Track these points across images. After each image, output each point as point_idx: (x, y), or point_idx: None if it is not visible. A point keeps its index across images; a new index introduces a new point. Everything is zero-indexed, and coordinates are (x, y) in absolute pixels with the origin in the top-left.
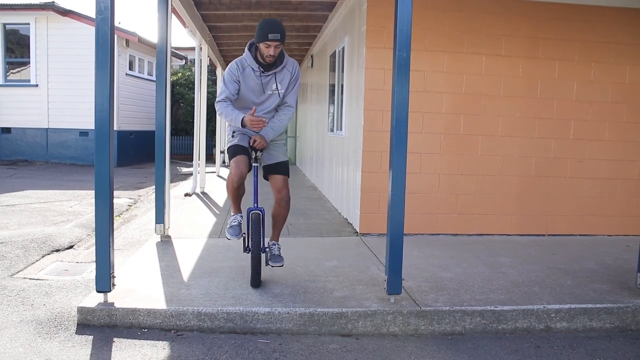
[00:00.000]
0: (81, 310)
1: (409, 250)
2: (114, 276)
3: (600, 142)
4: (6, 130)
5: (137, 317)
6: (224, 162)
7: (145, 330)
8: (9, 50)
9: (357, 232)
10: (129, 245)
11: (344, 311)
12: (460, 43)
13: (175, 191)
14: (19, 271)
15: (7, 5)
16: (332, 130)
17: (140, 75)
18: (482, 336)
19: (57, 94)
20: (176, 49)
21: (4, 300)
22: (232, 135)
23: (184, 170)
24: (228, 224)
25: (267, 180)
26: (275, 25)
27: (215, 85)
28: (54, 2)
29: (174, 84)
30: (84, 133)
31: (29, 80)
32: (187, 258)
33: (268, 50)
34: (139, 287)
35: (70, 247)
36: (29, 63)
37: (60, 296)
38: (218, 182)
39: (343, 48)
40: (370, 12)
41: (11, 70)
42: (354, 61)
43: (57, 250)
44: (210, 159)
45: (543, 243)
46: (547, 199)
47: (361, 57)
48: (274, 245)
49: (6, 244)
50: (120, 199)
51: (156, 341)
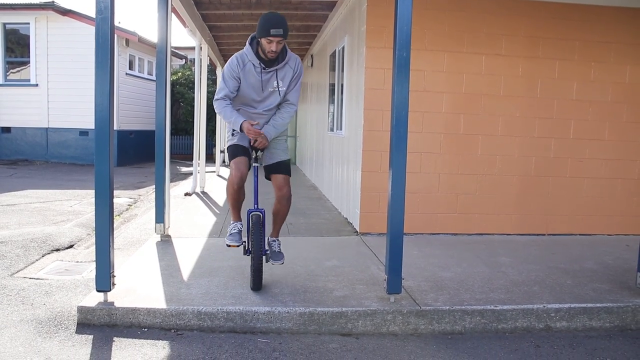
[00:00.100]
0: (81, 310)
1: (408, 250)
2: (114, 275)
3: (600, 142)
4: (6, 129)
5: (137, 317)
6: (224, 162)
7: (145, 329)
8: (9, 49)
9: (357, 232)
10: (129, 244)
11: (344, 310)
12: (460, 43)
13: (175, 191)
14: (19, 270)
15: (7, 4)
16: (332, 129)
17: (140, 74)
18: (482, 335)
19: (57, 94)
20: (176, 48)
21: (4, 300)
22: (232, 134)
23: (184, 169)
24: (228, 232)
25: (269, 179)
26: (277, 19)
27: (215, 85)
28: (53, 2)
29: (174, 84)
30: (84, 133)
31: (29, 80)
32: (187, 257)
33: (270, 46)
34: (139, 287)
35: (70, 247)
36: (29, 63)
37: (60, 295)
38: (218, 182)
39: (343, 48)
40: (370, 12)
41: (11, 70)
42: (354, 61)
43: (57, 250)
44: (210, 158)
45: (543, 242)
46: (547, 198)
47: (361, 57)
48: (274, 241)
49: (6, 244)
50: (120, 198)
51: (156, 340)
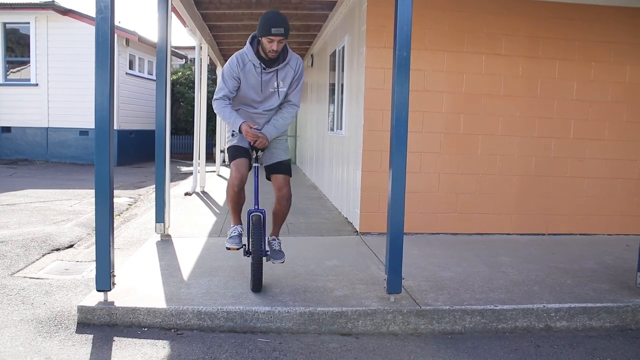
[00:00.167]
0: (81, 309)
1: (409, 250)
2: (114, 275)
3: (600, 142)
4: (6, 129)
5: (137, 316)
6: (224, 161)
7: (146, 329)
8: (9, 49)
9: (357, 231)
10: (129, 244)
11: (344, 310)
12: (460, 42)
13: (175, 190)
14: (19, 270)
15: (7, 4)
16: (332, 129)
17: (141, 74)
18: (482, 335)
19: (57, 93)
20: (176, 48)
21: (4, 299)
22: (232, 134)
23: (184, 169)
24: (227, 235)
25: (269, 179)
26: (279, 18)
27: (216, 85)
28: (54, 2)
29: (174, 83)
30: (84, 132)
31: (29, 80)
32: (187, 257)
33: (271, 45)
34: (139, 286)
35: (71, 246)
36: (29, 62)
37: (61, 295)
38: (218, 182)
39: (343, 47)
40: (371, 12)
41: (11, 70)
42: (354, 60)
43: (57, 249)
44: (210, 158)
45: (543, 242)
46: (547, 198)
47: (361, 57)
48: (274, 240)
49: (6, 243)
50: (121, 198)
51: (156, 340)
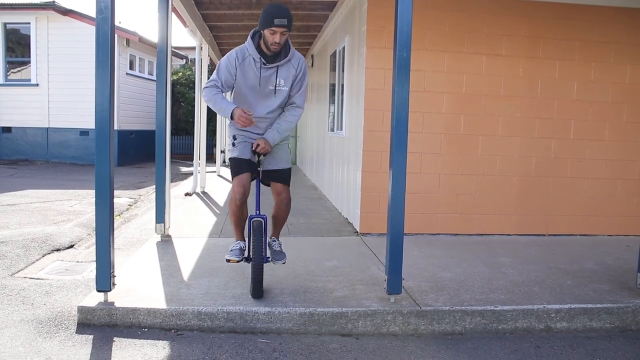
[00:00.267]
0: (81, 310)
1: (409, 250)
2: (114, 275)
3: (600, 142)
4: (7, 129)
5: (138, 317)
6: (224, 162)
7: (146, 329)
8: (9, 49)
9: (358, 232)
10: (129, 244)
11: (344, 311)
12: (460, 43)
13: (175, 191)
14: (19, 270)
15: (8, 4)
16: (333, 130)
17: (141, 74)
18: (482, 336)
19: (58, 94)
20: (177, 48)
21: (5, 300)
22: (233, 144)
23: (184, 169)
24: (229, 249)
25: (267, 185)
26: (282, 9)
27: None
28: (54, 2)
29: (174, 84)
30: (84, 132)
31: (29, 80)
32: (188, 257)
33: (273, 37)
34: (139, 287)
35: (71, 247)
36: (29, 62)
37: (61, 295)
38: (218, 182)
39: (343, 48)
40: (371, 12)
41: (12, 70)
42: (354, 61)
43: (58, 250)
44: (210, 158)
45: (543, 243)
46: (547, 199)
47: (361, 57)
48: (274, 241)
49: (7, 243)
50: (121, 198)
51: (156, 340)
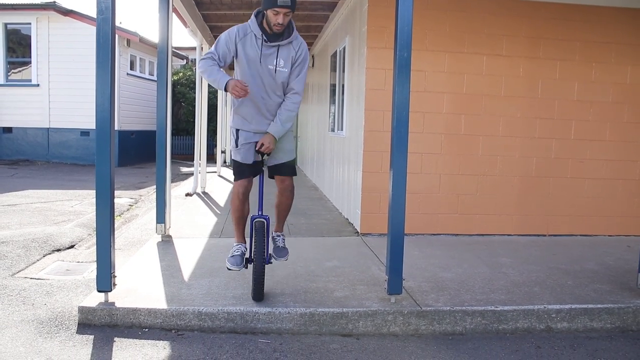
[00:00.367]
0: (82, 310)
1: (409, 250)
2: (114, 276)
3: (601, 143)
4: (7, 130)
5: (138, 317)
6: (224, 162)
7: (146, 329)
8: (10, 50)
9: (358, 232)
10: (130, 245)
11: (345, 311)
12: (461, 43)
13: (176, 191)
14: (20, 271)
15: (9, 5)
16: (333, 130)
17: (142, 75)
18: (483, 336)
19: (59, 94)
20: (177, 48)
21: (5, 300)
22: (236, 144)
23: (185, 170)
24: (230, 253)
25: (272, 178)
26: None
27: None
28: (55, 2)
29: (175, 84)
30: (85, 133)
31: (30, 80)
32: (188, 258)
33: (276, 18)
34: (140, 287)
35: (71, 247)
36: (30, 63)
37: (61, 296)
38: (219, 182)
39: (344, 48)
40: (371, 12)
41: (12, 70)
42: (355, 61)
43: (58, 250)
44: (211, 158)
45: (544, 243)
46: (548, 199)
47: (362, 57)
48: (279, 236)
49: (7, 244)
50: (121, 198)
51: (157, 341)
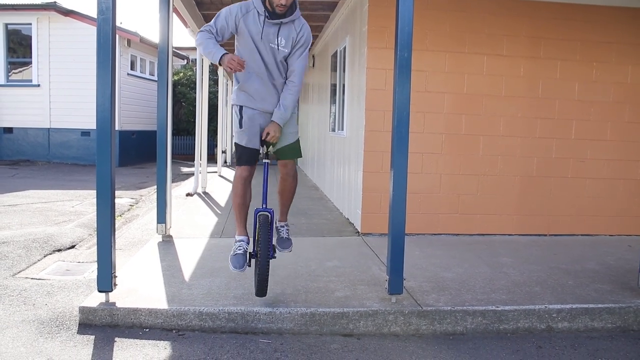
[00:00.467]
0: (83, 310)
1: (410, 250)
2: (115, 276)
3: (602, 142)
4: (8, 130)
5: (139, 317)
6: (225, 162)
7: (147, 330)
8: (11, 50)
9: (359, 232)
10: (131, 245)
11: (346, 311)
12: (461, 43)
13: (176, 191)
14: (20, 271)
15: (9, 5)
16: (334, 130)
17: (142, 75)
18: (484, 336)
19: (59, 94)
20: (178, 49)
21: (6, 300)
22: (240, 125)
23: (186, 170)
24: (232, 251)
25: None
26: None
27: (217, 85)
28: (55, 2)
29: (175, 84)
30: (85, 133)
31: (30, 80)
32: (189, 258)
33: None
34: (141, 287)
35: (72, 247)
36: (31, 63)
37: (62, 296)
38: (220, 182)
39: (344, 48)
40: (372, 12)
41: (13, 71)
42: (355, 61)
43: (59, 250)
44: (211, 159)
45: (544, 243)
46: (549, 199)
47: (362, 57)
48: (282, 227)
49: (8, 244)
50: (122, 198)
51: (158, 341)
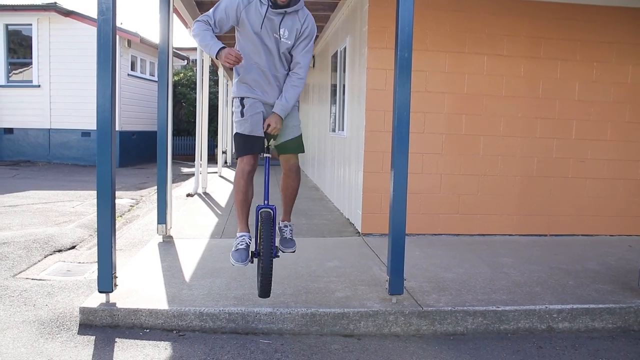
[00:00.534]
0: (83, 311)
1: (410, 251)
2: (116, 276)
3: (602, 142)
4: (8, 130)
5: (139, 318)
6: (225, 163)
7: (147, 330)
8: (11, 51)
9: (359, 233)
10: (131, 245)
11: (346, 311)
12: (461, 43)
13: (177, 191)
14: (21, 271)
15: (10, 6)
16: (334, 130)
17: (142, 75)
18: (484, 336)
19: (59, 95)
20: (178, 49)
21: (7, 301)
22: (242, 114)
23: (186, 170)
24: (233, 246)
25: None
26: None
27: (217, 86)
28: (56, 3)
29: (175, 85)
30: (86, 133)
31: (31, 81)
32: (189, 258)
33: None
34: (141, 288)
35: (73, 248)
36: (31, 64)
37: (63, 296)
38: (220, 183)
39: (345, 48)
40: (372, 13)
41: (13, 71)
42: (355, 61)
43: (60, 251)
44: (212, 159)
45: (545, 243)
46: (549, 199)
47: (363, 58)
48: (286, 227)
49: (8, 245)
50: (123, 199)
51: (158, 341)
